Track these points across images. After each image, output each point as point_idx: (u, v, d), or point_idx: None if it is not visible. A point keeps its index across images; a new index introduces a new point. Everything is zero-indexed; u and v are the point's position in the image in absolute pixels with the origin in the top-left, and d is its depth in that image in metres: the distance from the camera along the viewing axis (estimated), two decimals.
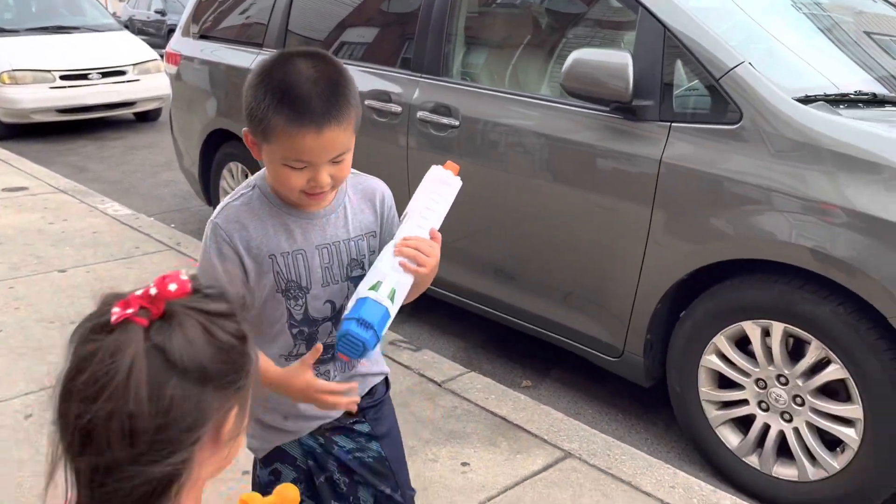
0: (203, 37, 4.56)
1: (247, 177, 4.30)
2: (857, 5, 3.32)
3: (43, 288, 3.74)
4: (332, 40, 3.76)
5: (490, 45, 3.32)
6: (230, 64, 4.21)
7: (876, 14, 3.31)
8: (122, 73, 8.28)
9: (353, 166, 1.33)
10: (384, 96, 3.29)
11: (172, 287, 0.71)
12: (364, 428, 1.47)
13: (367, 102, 3.34)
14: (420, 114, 3.13)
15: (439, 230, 1.33)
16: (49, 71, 7.86)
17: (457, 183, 1.37)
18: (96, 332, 0.69)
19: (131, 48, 8.73)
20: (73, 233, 4.61)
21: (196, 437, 0.70)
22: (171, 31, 18.99)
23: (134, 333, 0.68)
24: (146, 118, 9.03)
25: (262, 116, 1.19)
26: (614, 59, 2.45)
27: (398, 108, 3.22)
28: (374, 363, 1.49)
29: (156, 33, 18.63)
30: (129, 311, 0.69)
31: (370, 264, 1.33)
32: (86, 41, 8.56)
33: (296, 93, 1.18)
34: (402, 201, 1.39)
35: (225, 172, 4.48)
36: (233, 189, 4.59)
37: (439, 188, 1.36)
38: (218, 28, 4.50)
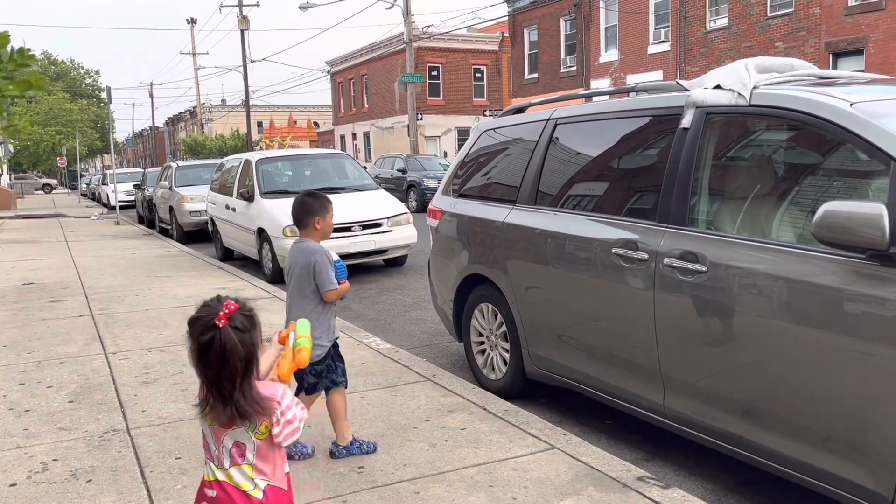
0: (461, 195, 5.27)
1: (496, 316, 4.78)
2: None
3: (325, 410, 4.36)
4: (577, 196, 4.22)
5: (731, 195, 3.54)
6: (485, 218, 4.83)
7: None
8: (378, 225, 9.53)
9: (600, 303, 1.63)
10: (631, 244, 3.62)
11: (232, 307, 1.91)
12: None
13: (613, 250, 3.69)
14: (667, 260, 3.40)
15: None
16: None
17: None
18: (209, 328, 1.88)
19: (386, 204, 10.04)
20: (347, 363, 5.31)
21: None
22: (410, 186, 21.33)
23: (227, 330, 1.89)
24: (394, 263, 10.17)
25: None
26: (868, 210, 2.56)
27: (644, 255, 3.52)
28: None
29: (396, 188, 20.96)
30: (222, 321, 1.88)
31: None
32: (350, 199, 10.02)
33: None
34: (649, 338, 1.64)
35: (476, 312, 5.01)
36: (483, 327, 5.22)
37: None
38: (473, 188, 5.19)
